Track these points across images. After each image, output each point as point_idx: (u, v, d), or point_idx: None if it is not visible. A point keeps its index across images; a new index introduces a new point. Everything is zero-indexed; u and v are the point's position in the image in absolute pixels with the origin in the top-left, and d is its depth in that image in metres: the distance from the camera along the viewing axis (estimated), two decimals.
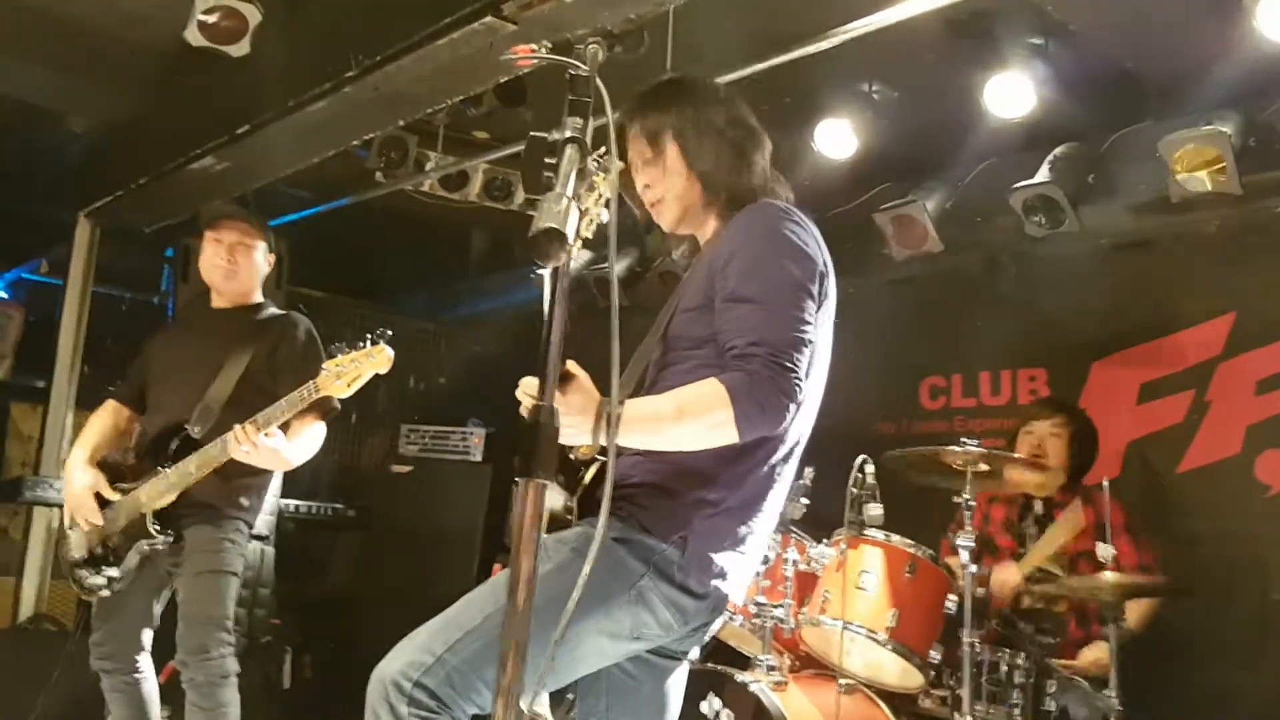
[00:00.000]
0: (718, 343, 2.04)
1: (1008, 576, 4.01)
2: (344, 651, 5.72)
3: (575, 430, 1.89)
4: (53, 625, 5.18)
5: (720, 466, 2.01)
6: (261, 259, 3.77)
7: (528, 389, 1.81)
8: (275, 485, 5.56)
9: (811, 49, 3.61)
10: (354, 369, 3.15)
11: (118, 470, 3.58)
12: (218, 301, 3.78)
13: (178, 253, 5.82)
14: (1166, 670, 3.99)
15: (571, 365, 1.89)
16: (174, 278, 5.83)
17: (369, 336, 3.16)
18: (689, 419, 1.93)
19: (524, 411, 1.64)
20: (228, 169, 4.73)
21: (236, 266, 3.69)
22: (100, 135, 5.51)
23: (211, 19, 3.85)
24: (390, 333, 3.18)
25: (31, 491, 5.09)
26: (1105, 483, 3.72)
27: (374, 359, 3.15)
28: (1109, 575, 3.49)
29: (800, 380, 1.96)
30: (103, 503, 3.52)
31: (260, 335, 3.65)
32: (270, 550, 5.44)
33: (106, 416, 3.74)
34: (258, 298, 3.81)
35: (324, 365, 3.19)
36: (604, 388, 1.74)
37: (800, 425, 2.14)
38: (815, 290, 2.07)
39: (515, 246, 6.60)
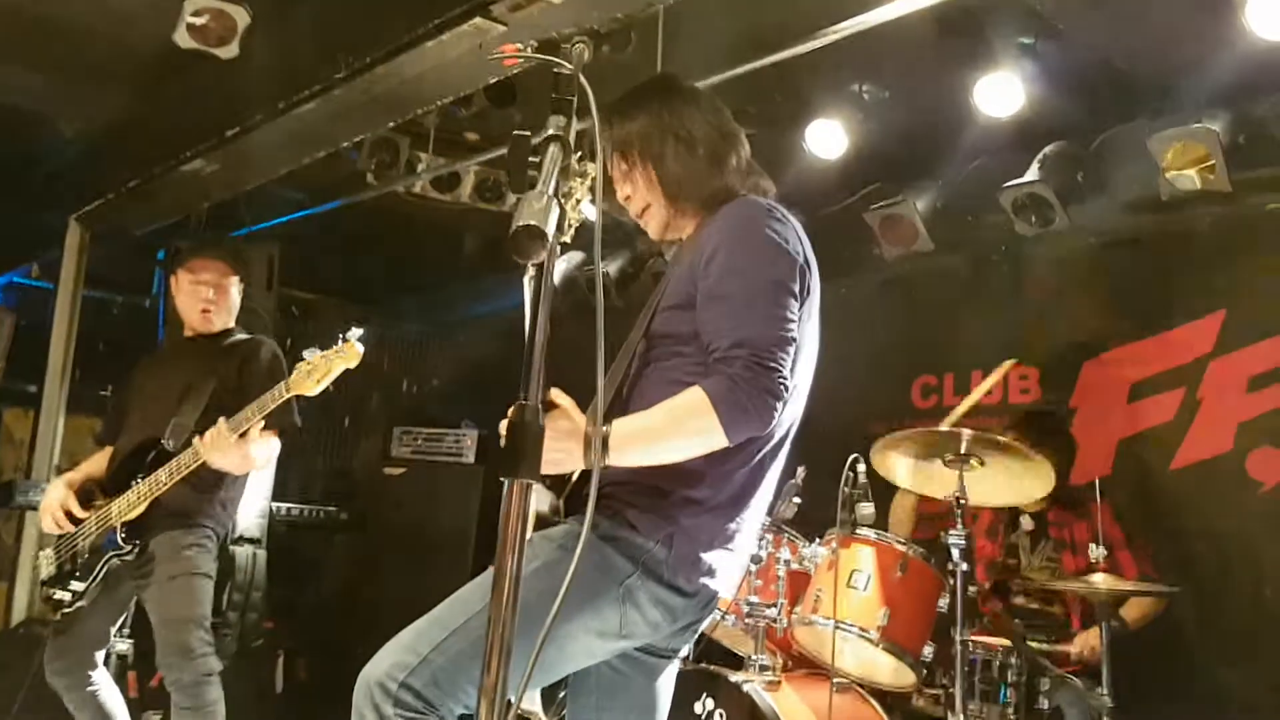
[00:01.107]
0: (700, 340, 2.04)
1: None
2: (337, 654, 5.68)
3: (563, 457, 1.92)
4: (45, 629, 5.15)
5: (707, 464, 2.01)
6: (236, 292, 3.86)
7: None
8: (265, 489, 5.56)
9: (801, 49, 3.61)
10: (324, 365, 3.21)
11: (91, 492, 3.63)
12: (189, 332, 3.86)
13: (168, 256, 5.80)
14: (1159, 667, 4.00)
15: (555, 393, 1.90)
16: (165, 281, 5.82)
17: (341, 336, 3.20)
18: (676, 431, 1.95)
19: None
20: (217, 171, 4.72)
21: (217, 306, 3.77)
22: (90, 139, 5.50)
23: (200, 21, 3.86)
24: (362, 330, 3.21)
25: (23, 496, 5.08)
26: (1097, 482, 3.72)
27: (343, 354, 3.20)
28: (1100, 576, 3.51)
29: (784, 378, 1.96)
30: (75, 522, 3.57)
31: (226, 360, 3.72)
32: (262, 553, 5.43)
33: (102, 458, 3.80)
34: (230, 324, 3.88)
35: (297, 365, 3.24)
36: (592, 385, 1.74)
37: (788, 420, 2.14)
38: (796, 286, 2.06)
39: (507, 248, 6.58)
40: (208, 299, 3.75)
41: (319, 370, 3.21)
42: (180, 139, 4.62)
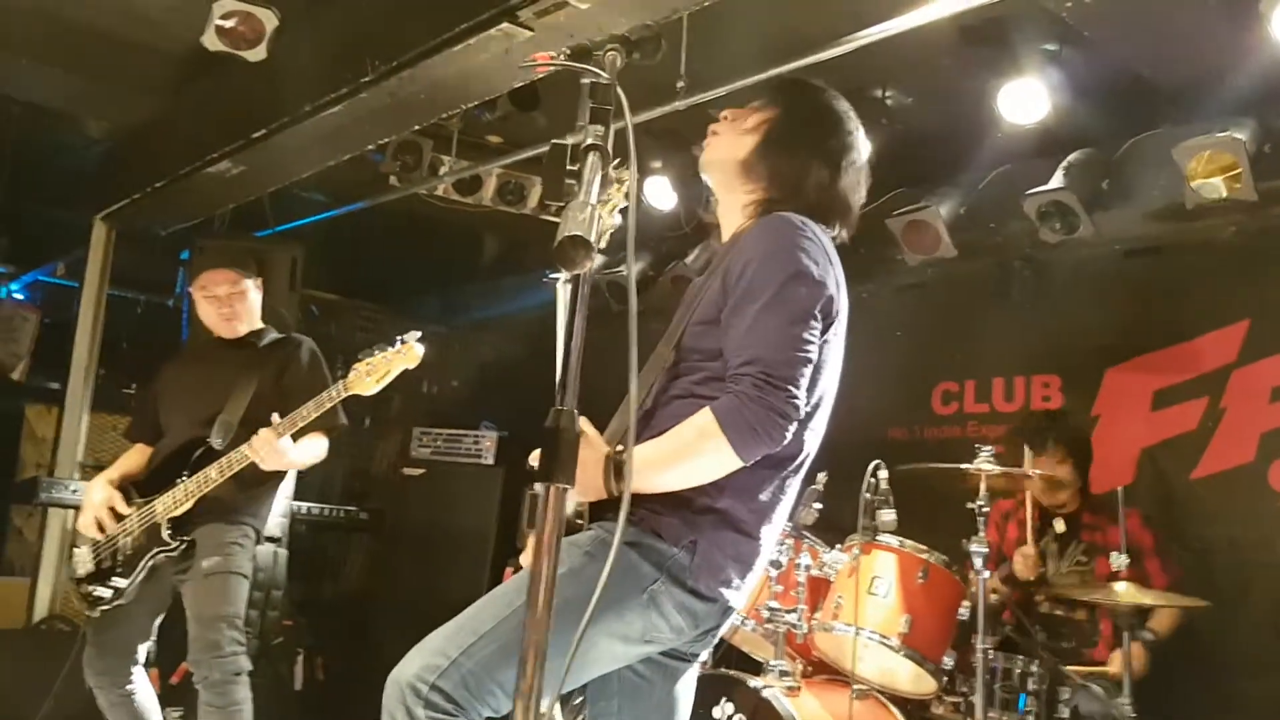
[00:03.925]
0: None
1: (1028, 551, 4.02)
2: (356, 653, 5.73)
3: (584, 485, 1.95)
4: (66, 626, 5.20)
5: (730, 476, 2.01)
6: (254, 293, 3.85)
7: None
8: (288, 488, 5.60)
9: (826, 55, 3.61)
10: (384, 365, 3.23)
11: (129, 490, 3.63)
12: (221, 333, 3.86)
13: (191, 256, 5.84)
14: (1180, 676, 3.98)
15: (581, 422, 1.92)
16: (188, 281, 5.86)
17: (399, 339, 3.21)
18: (688, 454, 1.97)
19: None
20: (243, 173, 4.75)
21: (234, 313, 3.78)
22: (117, 139, 5.55)
23: (228, 24, 3.89)
24: (420, 333, 3.22)
25: (46, 493, 5.11)
26: (1119, 491, 3.70)
27: (403, 355, 3.22)
28: (1121, 586, 3.49)
29: (795, 397, 1.96)
30: (117, 518, 3.58)
31: (265, 363, 3.74)
32: (283, 552, 5.46)
33: (136, 456, 3.81)
34: (257, 324, 3.88)
35: (354, 366, 3.24)
36: (620, 391, 1.75)
37: (809, 441, 2.14)
38: (819, 309, 2.06)
39: (528, 250, 6.62)
40: (223, 311, 3.77)
41: (378, 370, 3.23)
42: (206, 140, 4.66)
